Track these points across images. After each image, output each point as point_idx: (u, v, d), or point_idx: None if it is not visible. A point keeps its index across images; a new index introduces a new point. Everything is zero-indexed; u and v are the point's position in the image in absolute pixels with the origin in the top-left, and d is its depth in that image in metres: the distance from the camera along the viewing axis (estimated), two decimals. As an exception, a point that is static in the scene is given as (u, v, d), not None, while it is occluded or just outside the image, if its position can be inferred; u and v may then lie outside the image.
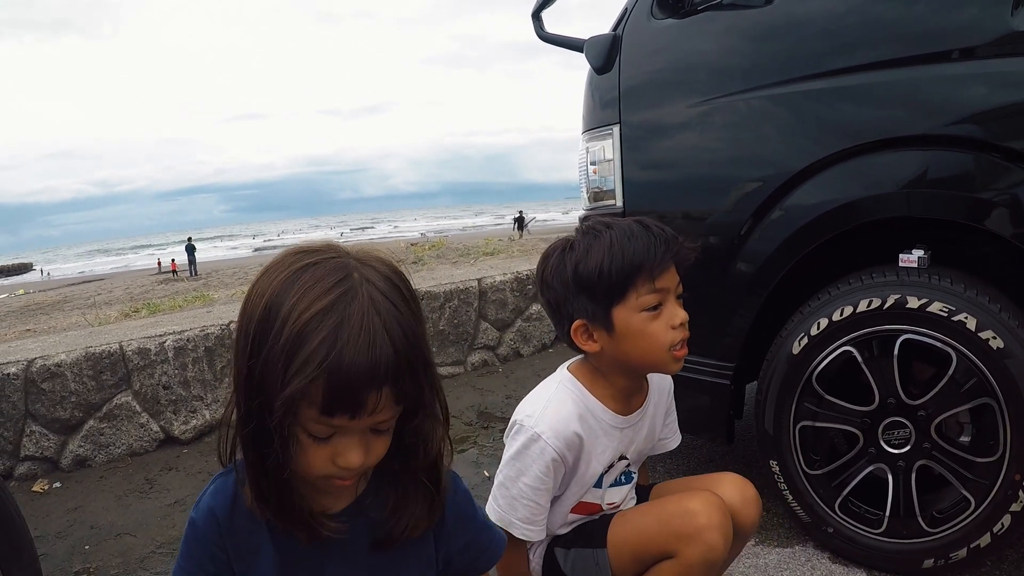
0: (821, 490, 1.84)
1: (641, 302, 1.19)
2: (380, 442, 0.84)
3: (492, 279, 4.39)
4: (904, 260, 1.71)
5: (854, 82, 1.70)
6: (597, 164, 2.27)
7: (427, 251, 7.81)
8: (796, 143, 1.82)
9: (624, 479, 1.40)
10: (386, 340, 0.76)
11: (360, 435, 0.81)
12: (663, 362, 1.24)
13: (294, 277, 0.79)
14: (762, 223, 1.86)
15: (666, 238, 1.20)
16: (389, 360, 0.76)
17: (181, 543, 0.96)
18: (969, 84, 1.56)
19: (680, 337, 1.22)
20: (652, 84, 2.15)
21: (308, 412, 0.77)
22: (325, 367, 0.73)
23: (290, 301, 0.77)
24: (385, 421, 0.82)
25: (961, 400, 1.62)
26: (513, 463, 1.26)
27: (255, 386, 0.78)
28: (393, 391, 0.78)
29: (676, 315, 1.22)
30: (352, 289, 0.78)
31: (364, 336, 0.75)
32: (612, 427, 1.30)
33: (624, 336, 1.22)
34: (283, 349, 0.75)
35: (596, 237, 1.23)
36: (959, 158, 1.60)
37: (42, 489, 2.97)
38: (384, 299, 0.79)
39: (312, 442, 0.80)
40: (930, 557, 1.69)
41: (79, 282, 23.23)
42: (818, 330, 1.76)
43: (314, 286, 0.77)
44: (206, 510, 0.91)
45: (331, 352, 0.74)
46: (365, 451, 0.82)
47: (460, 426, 3.33)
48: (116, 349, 3.28)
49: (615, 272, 1.19)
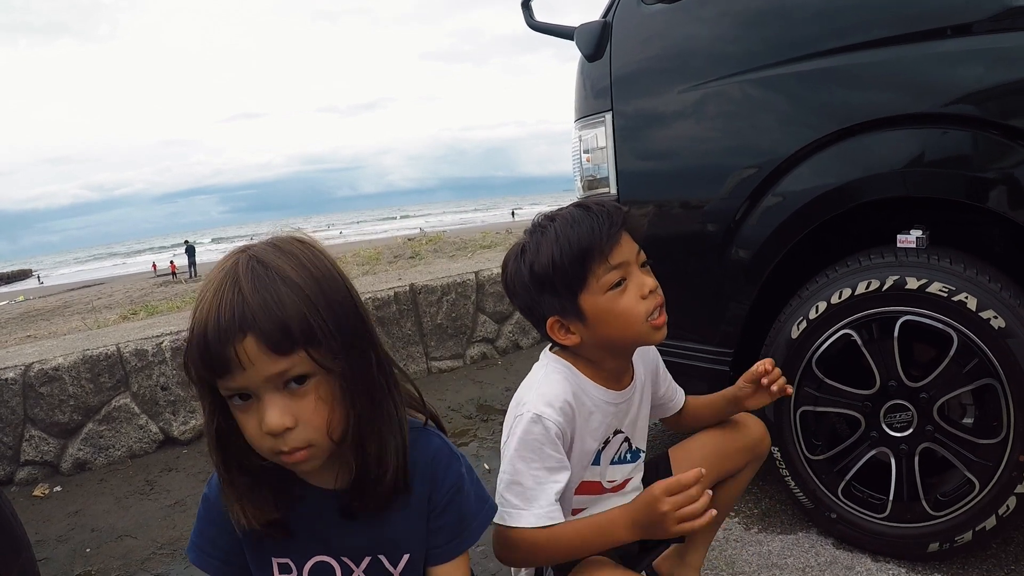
0: (823, 475, 1.82)
1: (603, 283, 1.17)
2: (304, 404, 0.83)
3: (489, 271, 4.37)
4: (902, 240, 1.69)
5: (848, 61, 1.67)
6: (590, 152, 2.25)
7: (424, 246, 7.79)
8: (790, 125, 1.79)
9: (630, 457, 1.37)
10: (237, 294, 0.80)
11: (273, 394, 0.82)
12: (643, 334, 1.21)
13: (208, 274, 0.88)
14: (757, 207, 1.84)
15: (607, 212, 1.18)
16: (236, 308, 0.79)
17: (196, 519, 1.01)
18: (966, 61, 1.53)
19: (654, 304, 1.20)
20: (643, 70, 2.12)
21: (216, 381, 0.82)
22: (195, 330, 0.81)
23: (197, 298, 0.85)
24: (283, 373, 0.81)
25: (963, 381, 1.60)
26: (518, 455, 1.18)
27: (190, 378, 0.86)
28: (259, 339, 0.79)
29: (644, 284, 1.19)
30: (225, 267, 0.84)
31: (215, 297, 0.81)
32: (605, 403, 1.28)
33: (598, 320, 1.20)
34: (189, 333, 0.83)
35: (543, 233, 1.21)
36: (957, 136, 1.58)
37: (43, 493, 2.96)
38: (257, 263, 0.83)
39: (239, 412, 0.84)
40: (935, 541, 1.68)
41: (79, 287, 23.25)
42: (817, 313, 1.74)
43: (212, 272, 0.85)
44: (217, 485, 0.95)
45: (197, 315, 0.82)
46: (282, 412, 0.82)
47: (460, 419, 3.32)
48: (113, 351, 3.26)
49: (567, 262, 1.17)
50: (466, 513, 1.02)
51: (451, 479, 1.00)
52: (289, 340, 0.81)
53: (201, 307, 0.82)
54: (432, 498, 0.99)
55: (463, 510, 1.02)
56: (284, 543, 0.96)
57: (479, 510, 1.04)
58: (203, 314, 0.81)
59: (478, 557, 2.06)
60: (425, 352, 4.13)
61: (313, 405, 0.84)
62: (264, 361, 0.80)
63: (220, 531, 0.97)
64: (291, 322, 0.81)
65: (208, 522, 0.98)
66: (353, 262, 6.97)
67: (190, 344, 0.81)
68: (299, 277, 0.84)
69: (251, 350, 0.79)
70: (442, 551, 1.02)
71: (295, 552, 0.98)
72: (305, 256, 0.87)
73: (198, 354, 0.80)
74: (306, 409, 0.84)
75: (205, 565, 1.00)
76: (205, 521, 0.99)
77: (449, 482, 1.00)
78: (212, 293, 0.81)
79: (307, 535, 0.97)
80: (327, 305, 0.85)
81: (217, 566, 1.00)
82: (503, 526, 1.16)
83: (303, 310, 0.82)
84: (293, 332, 0.81)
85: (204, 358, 0.80)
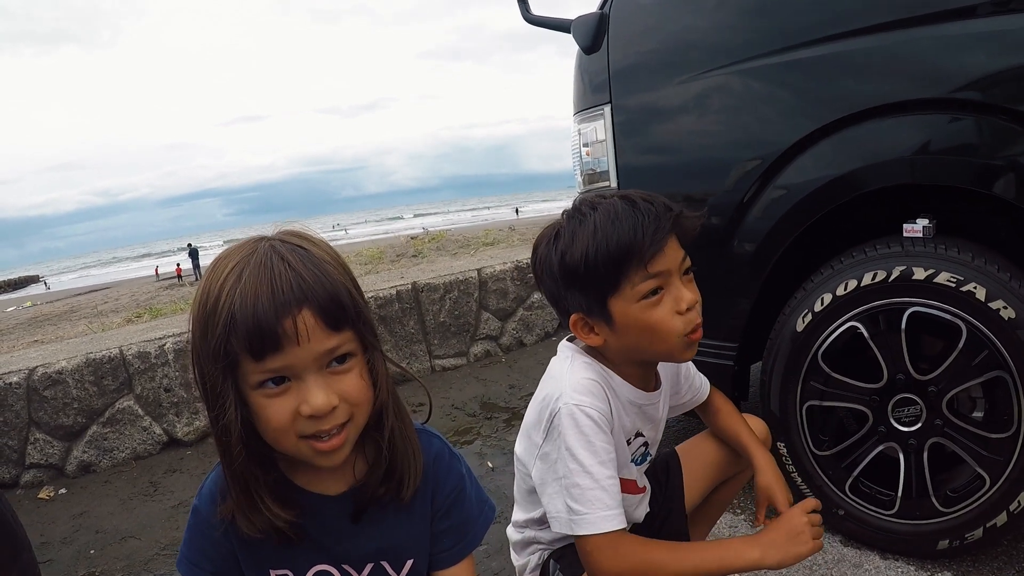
0: (831, 471, 1.79)
1: (637, 291, 1.05)
2: (347, 381, 0.83)
3: (492, 268, 4.35)
4: (908, 230, 1.65)
5: (850, 47, 1.64)
6: (590, 146, 2.22)
7: (427, 244, 7.78)
8: (791, 114, 1.76)
9: (640, 459, 1.31)
10: (286, 268, 0.79)
11: (316, 375, 0.80)
12: (674, 350, 1.11)
13: (214, 264, 0.84)
14: (760, 198, 1.81)
15: (656, 214, 1.05)
16: (293, 280, 0.78)
17: (185, 532, 0.96)
18: (971, 45, 1.50)
19: (691, 322, 1.08)
20: (642, 61, 2.09)
21: (247, 366, 0.78)
22: (232, 309, 0.77)
23: (210, 279, 0.82)
24: (334, 350, 0.81)
25: (973, 374, 1.57)
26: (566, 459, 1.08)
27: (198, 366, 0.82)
28: (316, 313, 0.79)
29: (682, 298, 1.07)
30: (256, 251, 0.82)
31: (263, 271, 0.78)
32: (631, 402, 1.19)
33: (626, 328, 1.09)
34: (207, 318, 0.79)
35: (581, 222, 1.09)
36: (964, 122, 1.54)
37: (48, 496, 2.96)
38: (285, 246, 0.82)
39: (267, 400, 0.80)
40: (945, 538, 1.65)
41: (86, 291, 23.36)
42: (822, 306, 1.71)
43: (226, 262, 0.82)
44: (208, 496, 0.93)
45: (234, 295, 0.77)
46: (327, 390, 0.81)
47: (464, 417, 3.30)
48: (116, 354, 3.26)
49: (602, 262, 1.05)
50: (469, 515, 1.01)
51: (453, 480, 0.99)
52: (343, 315, 0.81)
53: (237, 286, 0.78)
54: (435, 500, 0.98)
55: (466, 512, 1.00)
56: (283, 553, 0.93)
57: (480, 512, 1.02)
58: (250, 289, 0.77)
59: (480, 556, 2.04)
60: (428, 350, 4.11)
61: (355, 382, 0.84)
62: (319, 336, 0.79)
63: (212, 544, 0.93)
64: (343, 298, 0.82)
65: (199, 534, 0.94)
66: (356, 262, 6.96)
67: (231, 323, 0.76)
68: (331, 259, 0.85)
69: (309, 323, 0.78)
70: (448, 555, 1.00)
71: (294, 562, 0.94)
72: (323, 244, 0.88)
73: (245, 331, 0.76)
74: (348, 385, 0.83)
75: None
76: (195, 532, 0.94)
77: (451, 483, 0.99)
78: (255, 270, 0.78)
79: (308, 543, 0.93)
80: (356, 287, 0.87)
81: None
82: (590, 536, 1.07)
83: (348, 288, 0.84)
84: (346, 307, 0.82)
85: (253, 335, 0.76)
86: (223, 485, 0.89)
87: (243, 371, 0.79)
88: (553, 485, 1.10)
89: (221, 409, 0.80)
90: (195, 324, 0.82)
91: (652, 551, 1.08)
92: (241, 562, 0.94)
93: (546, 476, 1.12)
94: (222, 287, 0.79)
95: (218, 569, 0.95)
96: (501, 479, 2.56)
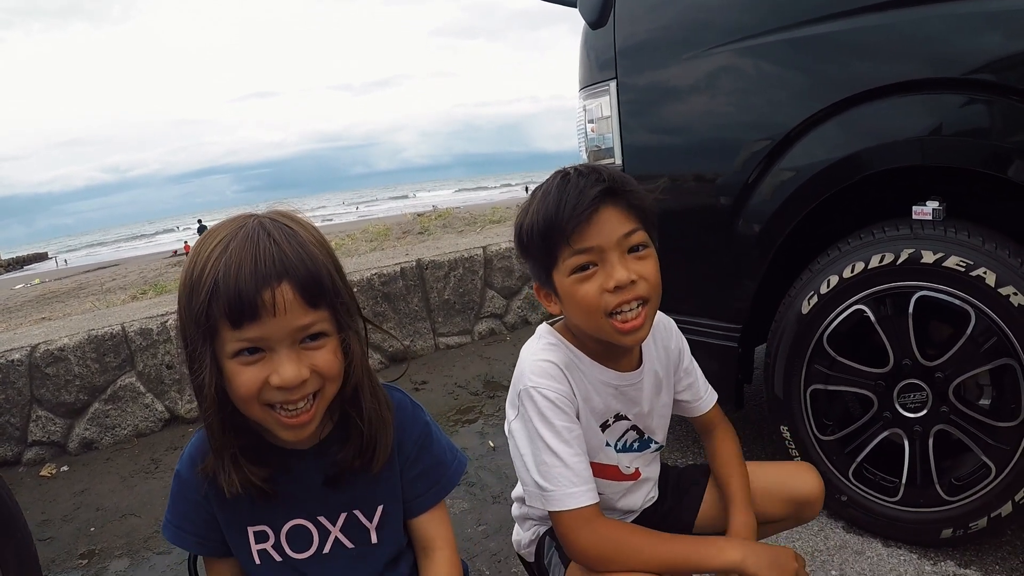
0: (834, 456, 1.77)
1: (567, 265, 1.05)
2: (319, 356, 0.86)
3: (498, 246, 4.31)
4: (918, 212, 1.61)
5: (860, 24, 1.58)
6: (595, 122, 2.18)
7: (433, 221, 7.73)
8: (799, 92, 1.70)
9: (637, 446, 1.26)
10: (271, 243, 0.83)
11: (289, 348, 0.84)
12: (602, 330, 1.07)
13: (204, 237, 0.87)
14: (766, 178, 1.76)
15: (580, 188, 1.03)
16: (276, 255, 0.82)
17: (169, 497, 1.00)
18: (986, 24, 1.44)
19: (616, 302, 1.03)
20: (648, 37, 2.04)
21: (226, 334, 0.82)
22: (216, 278, 0.80)
23: (197, 251, 0.86)
24: (308, 327, 0.84)
25: (981, 361, 1.53)
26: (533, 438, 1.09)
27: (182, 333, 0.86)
28: (296, 288, 0.82)
29: (610, 276, 1.03)
30: (244, 225, 0.85)
31: (248, 244, 0.82)
32: (603, 382, 1.17)
33: (564, 301, 1.09)
34: (191, 287, 0.83)
35: (536, 195, 1.10)
36: (976, 104, 1.49)
37: (50, 473, 2.98)
38: (273, 224, 0.86)
39: (240, 367, 0.83)
40: (948, 527, 1.62)
41: (94, 268, 23.44)
42: (828, 288, 1.67)
43: (215, 235, 0.86)
44: (187, 458, 0.97)
45: (219, 264, 0.81)
46: (298, 364, 0.84)
47: (466, 396, 3.29)
48: (118, 331, 3.25)
49: (537, 237, 1.06)
50: (441, 458, 1.05)
51: (418, 427, 1.03)
52: (320, 293, 0.85)
53: (223, 256, 0.81)
54: (403, 447, 1.01)
55: (435, 455, 1.04)
56: (259, 510, 0.97)
57: (453, 457, 1.07)
58: (234, 259, 0.81)
59: (479, 537, 2.03)
60: (432, 328, 4.09)
61: (327, 356, 0.87)
62: (296, 310, 0.83)
63: (194, 507, 0.97)
64: (322, 277, 0.85)
65: (181, 499, 0.98)
66: (362, 238, 6.93)
67: (214, 290, 0.80)
68: (316, 241, 0.88)
69: (288, 297, 0.82)
70: (423, 499, 1.04)
71: (271, 518, 0.98)
72: (310, 226, 0.91)
73: (226, 299, 0.80)
74: (320, 360, 0.86)
75: (181, 542, 1.00)
76: (178, 498, 0.99)
77: (417, 430, 1.03)
78: (241, 243, 0.82)
79: (283, 499, 0.97)
80: (337, 270, 0.90)
81: (193, 542, 1.00)
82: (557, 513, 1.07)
83: (329, 269, 0.87)
84: (324, 286, 0.85)
85: (233, 303, 0.80)
86: (204, 447, 0.93)
87: (221, 339, 0.82)
88: (520, 460, 1.13)
89: (198, 372, 0.84)
90: (182, 291, 0.85)
91: (630, 534, 1.08)
92: (221, 523, 0.98)
93: (515, 451, 1.14)
94: (208, 257, 0.83)
95: (200, 531, 0.99)
96: (503, 459, 2.55)
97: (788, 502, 1.28)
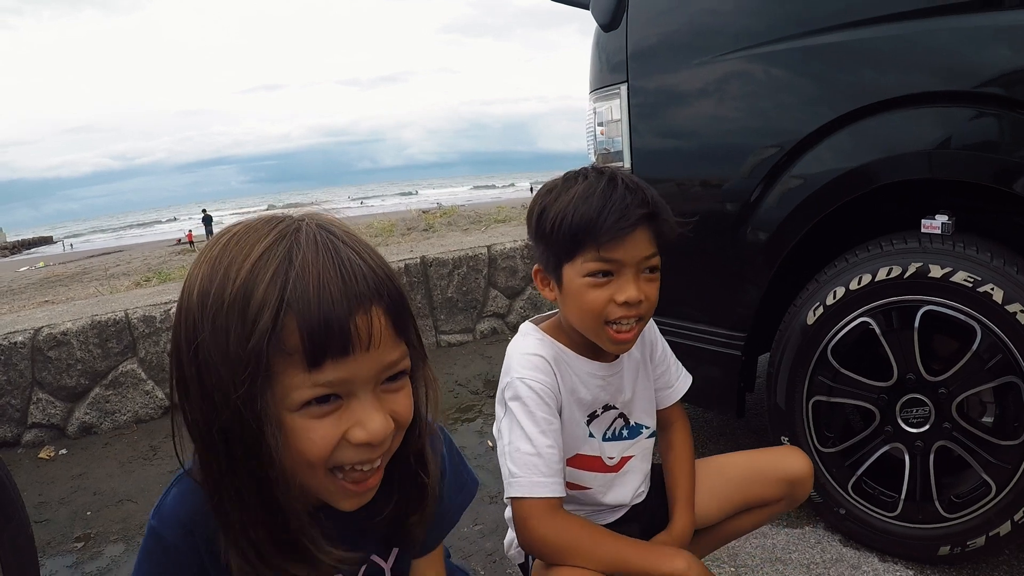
0: (834, 469, 1.76)
1: (586, 267, 1.10)
2: (400, 401, 0.69)
3: (502, 246, 4.31)
4: (927, 226, 1.60)
5: (872, 35, 1.57)
6: (604, 125, 2.17)
7: (438, 218, 7.73)
8: (810, 101, 1.70)
9: (627, 433, 1.29)
10: (354, 254, 0.64)
11: (371, 393, 0.66)
12: (595, 333, 1.14)
13: (226, 242, 0.67)
14: (774, 186, 1.76)
15: (626, 205, 1.07)
16: (364, 272, 0.64)
17: (140, 554, 0.77)
18: (997, 38, 1.43)
19: (618, 314, 1.10)
20: (661, 40, 2.03)
21: (289, 377, 0.62)
22: (287, 299, 0.60)
23: (227, 260, 0.64)
24: (395, 363, 0.67)
25: (985, 378, 1.52)
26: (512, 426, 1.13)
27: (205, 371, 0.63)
28: (388, 314, 0.65)
29: (622, 291, 1.09)
30: (290, 226, 0.66)
31: (325, 254, 0.63)
32: (589, 374, 1.22)
33: (567, 295, 1.14)
34: (231, 307, 0.61)
35: (568, 188, 1.13)
36: (986, 117, 1.48)
37: (48, 456, 2.98)
38: (346, 235, 0.68)
39: (307, 421, 0.63)
40: (946, 544, 1.61)
41: (98, 254, 23.51)
42: (834, 299, 1.66)
43: (248, 236, 0.65)
44: (173, 520, 0.74)
45: (288, 280, 0.61)
46: (383, 413, 0.66)
47: (466, 395, 3.28)
48: (122, 317, 3.26)
49: (566, 230, 1.09)
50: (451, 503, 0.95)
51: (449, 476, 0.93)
52: (408, 320, 0.68)
53: (290, 271, 0.62)
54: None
55: (454, 501, 0.96)
56: None
57: (458, 492, 0.96)
58: (311, 275, 0.61)
59: (475, 536, 2.03)
60: (434, 325, 4.09)
61: (405, 401, 0.70)
62: (389, 342, 0.65)
63: (177, 569, 0.76)
64: (407, 300, 0.68)
65: (164, 559, 0.75)
66: (367, 234, 6.94)
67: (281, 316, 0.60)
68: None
69: (383, 323, 0.64)
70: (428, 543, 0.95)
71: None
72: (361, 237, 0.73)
73: (307, 328, 0.60)
74: (400, 406, 0.69)
75: None
76: (154, 562, 0.75)
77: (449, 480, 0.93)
78: (314, 254, 0.63)
79: None
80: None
81: None
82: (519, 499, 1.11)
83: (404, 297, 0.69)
84: (410, 312, 0.68)
85: (317, 333, 0.60)
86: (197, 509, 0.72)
87: (281, 385, 0.62)
88: (501, 453, 1.16)
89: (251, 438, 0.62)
90: (202, 318, 0.63)
91: (586, 532, 1.10)
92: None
93: (499, 448, 1.17)
94: (254, 270, 0.62)
95: None
96: (499, 459, 2.54)
97: (782, 482, 1.34)
